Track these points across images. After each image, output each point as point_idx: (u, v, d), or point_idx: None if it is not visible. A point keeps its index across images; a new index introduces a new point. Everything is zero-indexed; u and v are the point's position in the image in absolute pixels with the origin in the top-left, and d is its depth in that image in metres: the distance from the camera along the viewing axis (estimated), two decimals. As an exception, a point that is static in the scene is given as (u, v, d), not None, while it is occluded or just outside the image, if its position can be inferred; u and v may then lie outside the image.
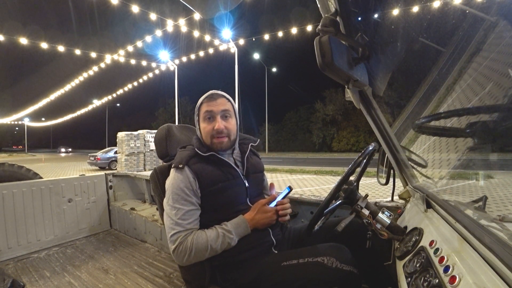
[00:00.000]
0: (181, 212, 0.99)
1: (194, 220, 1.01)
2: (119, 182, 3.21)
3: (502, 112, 0.83)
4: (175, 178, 1.03)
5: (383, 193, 5.96)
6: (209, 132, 1.07)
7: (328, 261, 0.91)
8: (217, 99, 1.08)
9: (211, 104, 1.07)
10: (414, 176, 1.24)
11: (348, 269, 0.91)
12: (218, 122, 1.06)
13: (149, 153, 4.80)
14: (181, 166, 1.03)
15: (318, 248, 0.98)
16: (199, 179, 1.03)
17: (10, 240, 2.30)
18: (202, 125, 1.09)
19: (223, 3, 0.84)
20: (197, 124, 1.12)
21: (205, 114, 1.07)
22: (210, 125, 1.07)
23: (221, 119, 1.07)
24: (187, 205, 1.00)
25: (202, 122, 1.09)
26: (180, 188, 1.01)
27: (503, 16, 0.85)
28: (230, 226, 1.01)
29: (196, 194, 1.03)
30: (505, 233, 0.63)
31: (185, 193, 1.01)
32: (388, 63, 1.11)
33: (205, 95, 1.11)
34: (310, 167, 13.04)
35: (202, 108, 1.09)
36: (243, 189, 1.10)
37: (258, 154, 1.29)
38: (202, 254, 0.97)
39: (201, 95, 1.14)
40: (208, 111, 1.07)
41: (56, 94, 24.38)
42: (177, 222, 0.98)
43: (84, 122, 75.34)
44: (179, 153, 1.12)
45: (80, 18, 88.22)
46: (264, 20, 36.86)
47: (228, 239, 0.98)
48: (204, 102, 1.09)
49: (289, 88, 41.08)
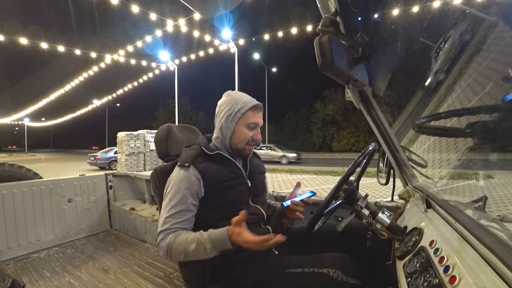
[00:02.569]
0: (174, 210, 0.99)
1: (185, 220, 1.00)
2: (119, 182, 3.21)
3: (502, 112, 0.82)
4: (178, 176, 1.04)
5: (383, 193, 5.96)
6: (247, 138, 1.10)
7: (334, 273, 0.91)
8: (261, 111, 1.13)
9: (258, 116, 1.12)
10: (414, 176, 1.24)
11: (354, 282, 0.91)
12: (259, 133, 1.13)
13: (149, 153, 4.80)
14: (187, 164, 1.04)
15: (323, 257, 0.97)
16: (204, 178, 1.04)
17: (10, 240, 2.30)
18: (243, 130, 1.10)
19: (223, 3, 0.84)
20: (233, 125, 1.09)
21: (251, 123, 1.10)
22: (251, 132, 1.10)
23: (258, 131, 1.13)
24: (182, 205, 1.00)
25: (243, 127, 1.10)
26: (179, 187, 1.01)
27: (503, 16, 0.85)
28: (209, 235, 0.94)
29: (196, 197, 1.03)
30: (505, 233, 0.63)
31: (183, 194, 1.01)
32: (388, 63, 1.11)
33: (252, 102, 1.10)
34: (310, 167, 13.03)
35: (248, 115, 1.09)
36: (246, 188, 1.11)
37: (259, 156, 1.31)
38: (179, 255, 0.95)
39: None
40: (255, 122, 1.11)
41: (56, 94, 24.33)
42: (168, 218, 0.99)
43: (84, 122, 75.34)
44: (185, 152, 1.13)
45: (80, 18, 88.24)
46: (264, 20, 36.88)
47: (203, 248, 0.92)
48: (251, 110, 1.09)
49: (289, 88, 41.15)
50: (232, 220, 0.90)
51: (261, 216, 1.09)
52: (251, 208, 1.09)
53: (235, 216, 1.02)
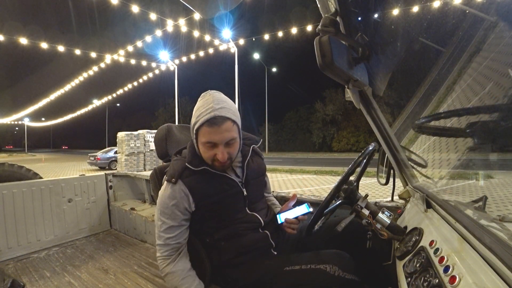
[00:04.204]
0: (165, 226, 0.99)
1: (176, 235, 1.00)
2: (119, 182, 3.21)
3: (502, 112, 0.82)
4: (165, 191, 1.00)
5: (383, 193, 5.96)
6: (210, 157, 0.95)
7: (330, 269, 0.91)
8: (221, 125, 0.89)
9: (213, 132, 0.89)
10: (414, 176, 1.24)
11: (350, 278, 0.92)
12: (221, 153, 0.92)
13: (149, 153, 4.80)
14: (174, 180, 0.97)
15: (321, 254, 0.98)
16: (192, 193, 0.98)
17: (10, 240, 2.30)
18: (202, 148, 0.95)
19: (223, 3, 0.84)
20: (195, 142, 0.97)
21: (205, 142, 0.92)
22: (211, 151, 0.94)
23: (224, 148, 0.93)
24: (171, 222, 0.99)
25: (201, 145, 0.95)
26: (166, 204, 0.98)
27: (503, 16, 0.85)
28: None
29: (185, 212, 1.00)
30: (505, 233, 0.63)
31: (171, 211, 0.98)
32: (388, 63, 1.11)
33: (205, 116, 0.89)
34: (310, 167, 13.03)
35: (201, 132, 0.91)
36: (241, 197, 1.05)
37: (261, 154, 1.20)
38: (171, 284, 1.01)
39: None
40: (210, 141, 0.91)
41: (56, 94, 24.37)
42: (160, 235, 1.01)
43: (84, 122, 75.38)
44: (173, 163, 1.05)
45: (80, 18, 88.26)
46: (264, 20, 36.89)
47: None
48: (205, 125, 0.89)
49: (289, 88, 41.08)
50: None
51: (259, 223, 1.07)
52: (248, 216, 1.06)
53: (232, 224, 1.03)
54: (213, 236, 1.05)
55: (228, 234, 1.03)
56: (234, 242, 1.03)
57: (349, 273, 0.92)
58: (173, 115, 23.23)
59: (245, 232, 1.04)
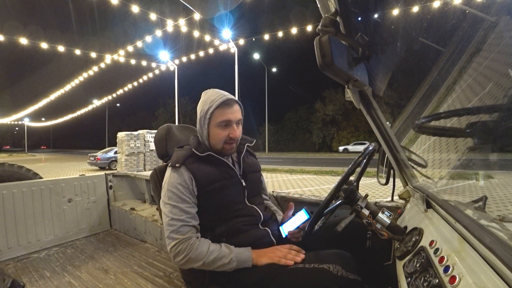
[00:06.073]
0: (176, 209, 0.99)
1: (190, 216, 1.00)
2: (119, 182, 3.21)
3: (502, 112, 0.82)
4: (171, 177, 1.04)
5: (383, 193, 5.96)
6: (223, 138, 1.05)
7: (334, 268, 0.91)
8: (233, 105, 1.05)
9: (228, 112, 1.04)
10: (414, 176, 1.24)
11: (353, 278, 0.92)
12: (235, 131, 1.05)
13: (149, 153, 4.81)
14: (178, 165, 1.03)
15: (323, 254, 0.98)
16: (196, 179, 1.03)
17: (10, 240, 2.30)
18: (216, 130, 1.05)
19: (223, 3, 0.84)
20: (206, 127, 1.06)
21: (221, 122, 1.04)
22: (225, 131, 1.05)
23: (236, 127, 1.06)
24: (182, 203, 1.00)
25: (215, 127, 1.05)
26: (175, 186, 1.01)
27: (503, 16, 0.86)
28: (232, 248, 1.00)
29: (192, 193, 1.03)
30: (505, 233, 0.63)
31: (180, 191, 1.01)
32: (388, 63, 1.11)
33: (219, 100, 1.03)
34: (310, 167, 13.03)
35: (216, 114, 1.04)
36: (241, 188, 1.10)
37: (255, 154, 1.28)
38: (195, 263, 0.97)
39: (201, 95, 1.10)
40: (226, 120, 1.04)
41: (56, 94, 24.39)
42: (173, 219, 0.98)
43: (84, 122, 75.32)
44: (176, 153, 1.11)
45: (80, 18, 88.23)
46: (264, 20, 36.91)
47: (224, 259, 0.97)
48: (219, 108, 1.03)
49: (289, 88, 41.14)
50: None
51: (258, 217, 1.09)
52: (247, 208, 1.08)
53: (232, 217, 1.02)
54: (214, 231, 1.05)
55: (229, 230, 1.04)
56: (235, 239, 1.03)
57: (352, 273, 0.92)
58: (173, 115, 23.25)
59: (246, 228, 1.05)
